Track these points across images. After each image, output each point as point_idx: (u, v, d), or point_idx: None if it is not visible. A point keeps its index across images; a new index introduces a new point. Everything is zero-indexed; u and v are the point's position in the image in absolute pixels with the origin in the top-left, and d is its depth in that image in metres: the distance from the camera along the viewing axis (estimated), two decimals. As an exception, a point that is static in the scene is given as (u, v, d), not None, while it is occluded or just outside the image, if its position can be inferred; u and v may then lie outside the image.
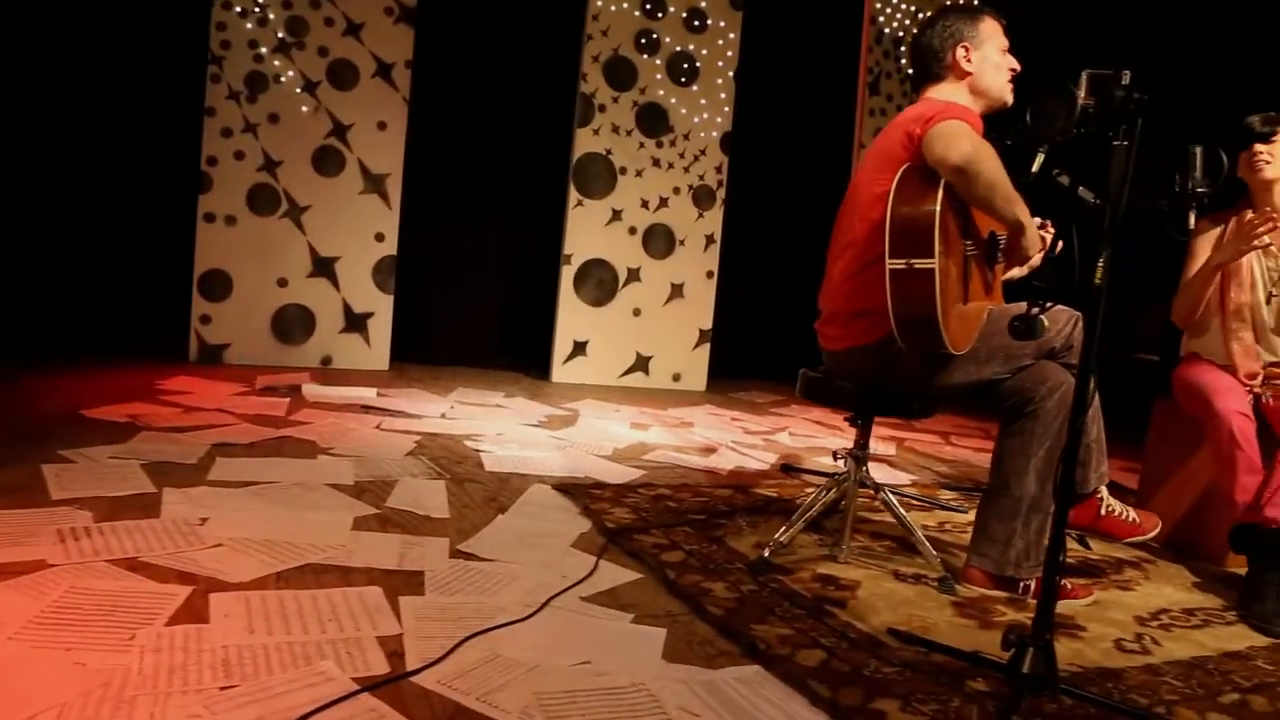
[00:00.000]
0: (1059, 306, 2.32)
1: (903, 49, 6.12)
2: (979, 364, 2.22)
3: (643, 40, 5.36)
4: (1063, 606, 2.27)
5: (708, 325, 5.60)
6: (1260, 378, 2.80)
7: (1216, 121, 2.99)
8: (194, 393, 3.84)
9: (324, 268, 4.86)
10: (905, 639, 1.94)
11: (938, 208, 2.02)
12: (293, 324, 4.83)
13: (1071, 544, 2.90)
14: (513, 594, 2.02)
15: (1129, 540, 2.47)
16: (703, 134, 5.53)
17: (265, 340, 4.78)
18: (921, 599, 2.23)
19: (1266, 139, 2.83)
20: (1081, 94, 1.97)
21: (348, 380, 4.51)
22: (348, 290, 4.93)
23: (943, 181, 2.05)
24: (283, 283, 4.78)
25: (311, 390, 4.13)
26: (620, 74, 5.33)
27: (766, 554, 2.34)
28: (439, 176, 5.25)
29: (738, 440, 4.06)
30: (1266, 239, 2.71)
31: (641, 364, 5.51)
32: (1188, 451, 3.03)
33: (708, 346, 5.62)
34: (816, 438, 4.36)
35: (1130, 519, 2.44)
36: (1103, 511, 2.44)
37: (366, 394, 4.18)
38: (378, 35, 4.83)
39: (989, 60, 2.34)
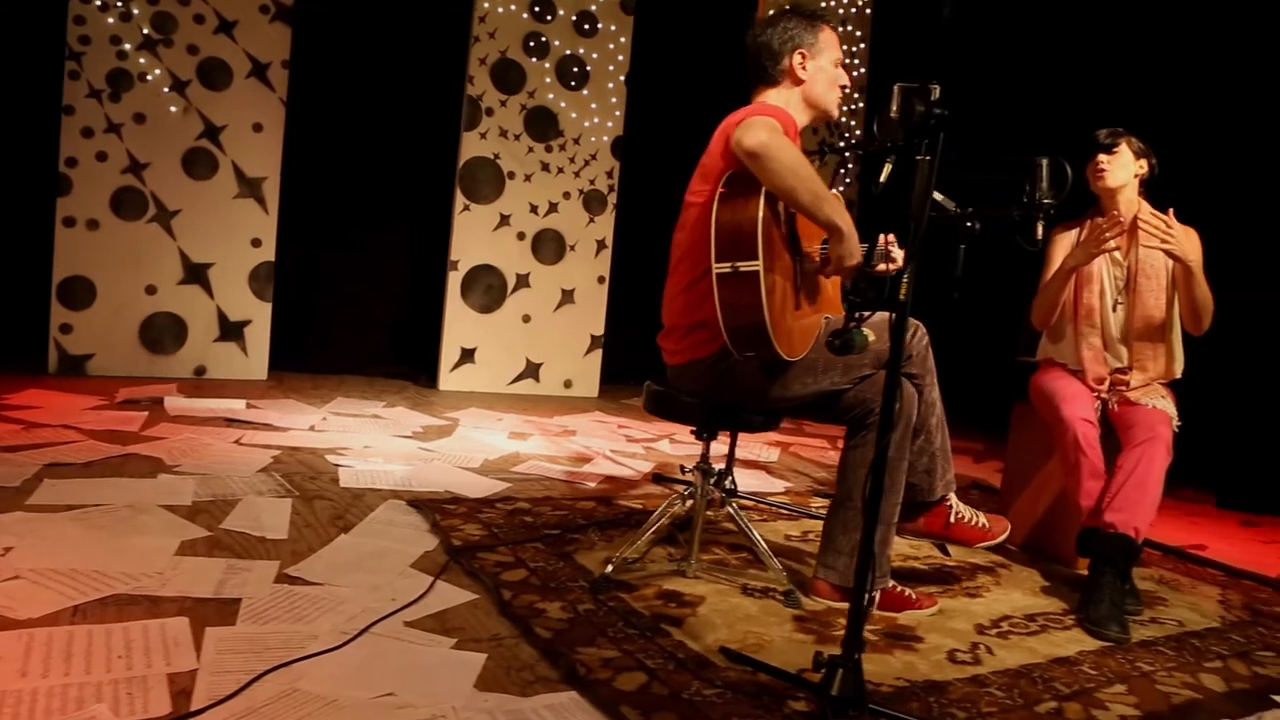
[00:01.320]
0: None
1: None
2: (817, 375, 2.21)
3: (531, 43, 5.28)
4: (905, 618, 2.28)
5: (599, 331, 5.55)
6: (1107, 383, 2.85)
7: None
8: (44, 407, 3.64)
9: (196, 274, 4.67)
10: (734, 658, 1.91)
11: (760, 211, 2.00)
12: (163, 333, 4.63)
13: (931, 551, 2.93)
14: (332, 620, 1.94)
15: (980, 546, 2.49)
16: (594, 138, 5.48)
17: (133, 350, 4.58)
18: (764, 614, 2.21)
19: (1109, 150, 2.89)
20: (893, 108, 1.99)
21: (221, 391, 4.34)
22: (222, 298, 4.74)
23: (764, 187, 2.03)
24: (151, 290, 4.58)
25: (175, 403, 3.96)
26: (508, 77, 5.24)
27: (609, 571, 2.29)
28: (320, 180, 5.09)
29: (617, 449, 4.01)
30: (1114, 243, 2.76)
31: (532, 371, 5.43)
32: (1044, 456, 3.08)
33: (599, 353, 5.57)
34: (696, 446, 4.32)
35: (980, 524, 2.46)
36: (952, 519, 2.45)
37: (235, 406, 4.02)
38: (252, 33, 4.67)
39: (824, 70, 2.33)
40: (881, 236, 2.67)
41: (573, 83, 5.41)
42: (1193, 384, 4.97)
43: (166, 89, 4.51)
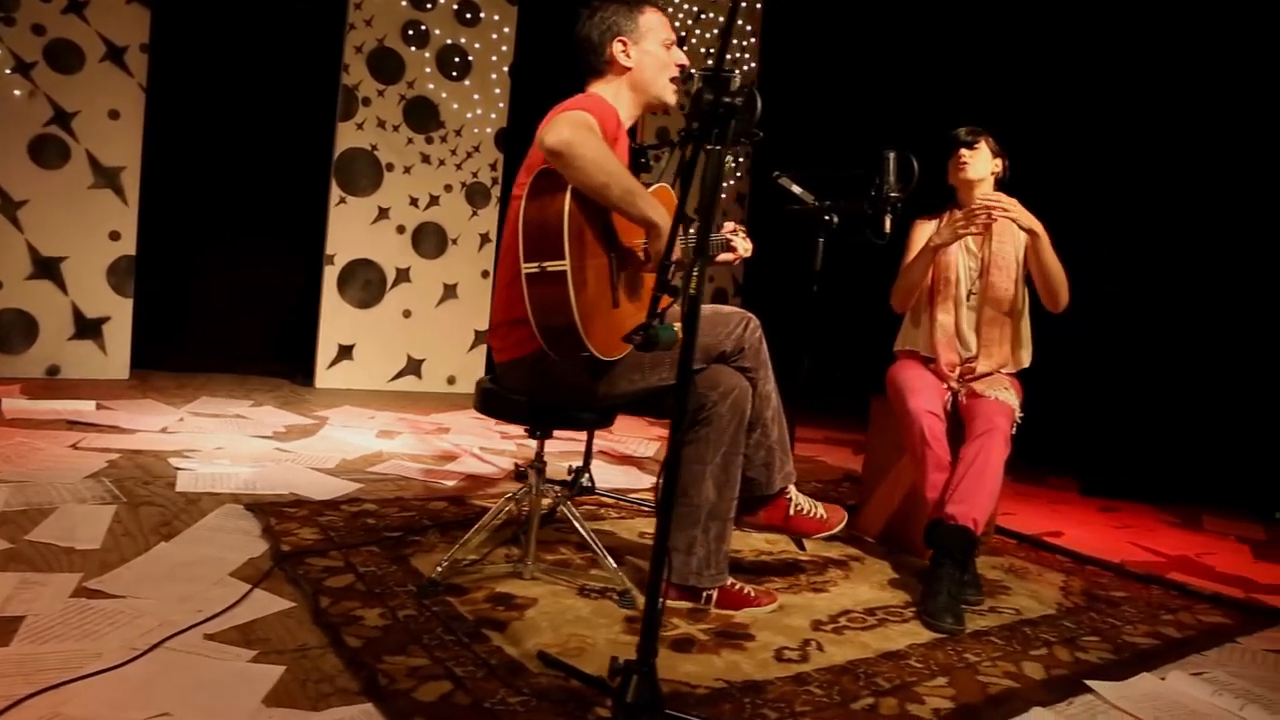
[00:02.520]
0: (729, 308, 2.29)
1: (684, 47, 6.13)
2: (644, 372, 2.16)
3: (410, 31, 5.15)
4: (743, 615, 2.25)
5: (484, 326, 5.45)
6: (958, 370, 2.88)
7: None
8: None
9: (47, 269, 4.44)
10: (549, 663, 1.85)
11: (566, 209, 1.94)
12: (10, 331, 4.38)
13: (786, 545, 2.91)
14: (124, 636, 1.82)
15: (819, 536, 2.48)
16: (476, 130, 5.37)
17: (-23, 349, 4.32)
18: (595, 616, 2.15)
19: (970, 145, 2.92)
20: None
21: (73, 392, 4.12)
22: (77, 293, 4.51)
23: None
24: (-4, 285, 4.33)
25: (14, 405, 3.74)
26: (386, 66, 5.10)
27: (437, 574, 2.21)
28: (186, 171, 4.88)
29: (488, 446, 3.93)
30: (978, 227, 2.78)
31: (413, 367, 5.30)
32: (900, 449, 3.09)
33: (484, 348, 5.47)
34: (576, 441, 4.27)
35: (818, 515, 2.45)
36: (791, 511, 2.43)
37: (83, 407, 3.82)
38: (106, 14, 4.44)
39: (650, 55, 2.28)
40: (728, 225, 2.65)
41: (454, 73, 5.29)
42: (1059, 374, 5.09)
43: (9, 70, 4.26)
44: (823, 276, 3.12)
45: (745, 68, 6.40)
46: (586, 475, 3.11)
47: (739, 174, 2.67)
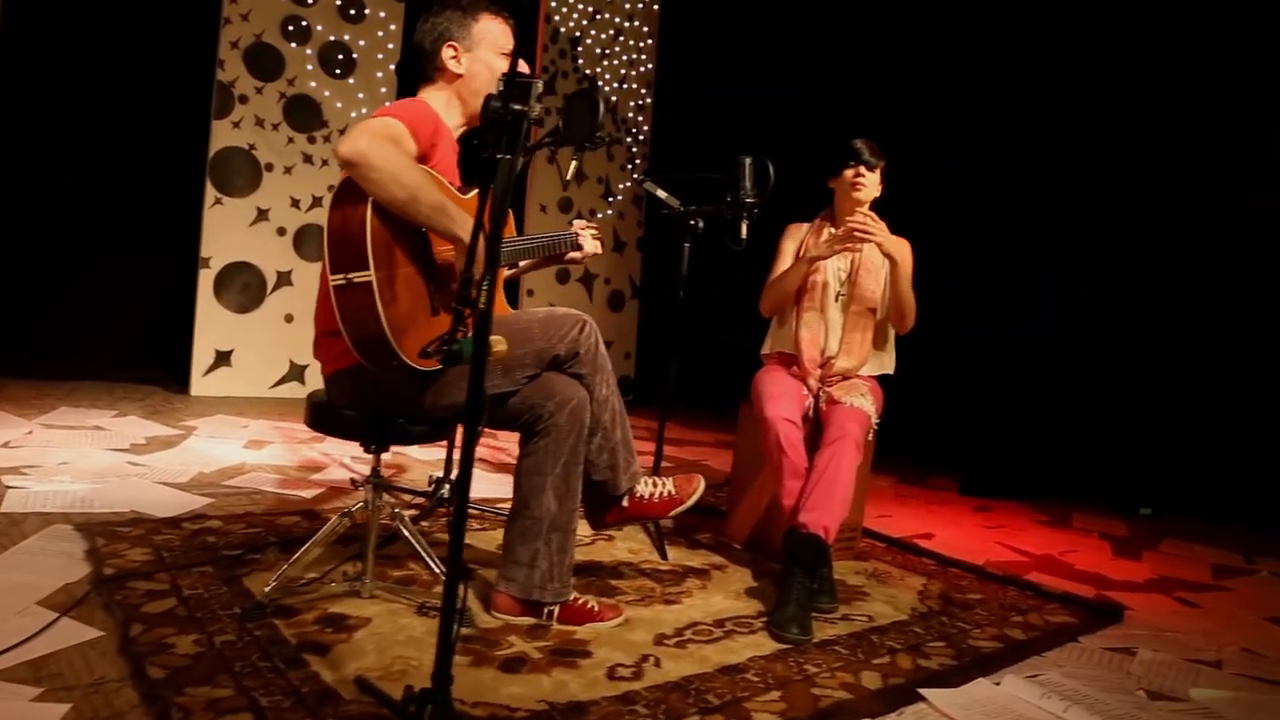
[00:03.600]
0: (564, 311, 2.24)
1: (579, 49, 6.09)
2: (475, 381, 2.10)
3: (291, 27, 5.00)
4: (585, 631, 2.20)
5: (371, 331, 5.32)
6: (819, 371, 2.88)
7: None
8: None
9: (-109, 272, 4.19)
10: (365, 689, 1.78)
11: (368, 218, 1.87)
12: None
13: (650, 555, 2.88)
14: (-102, 675, 1.69)
15: (674, 513, 2.42)
16: (362, 129, 5.23)
17: None
18: (430, 636, 2.08)
19: (872, 167, 2.91)
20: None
21: (-82, 403, 3.89)
22: (-76, 298, 4.27)
23: None
24: None
25: None
26: (265, 62, 4.94)
27: (264, 594, 2.11)
28: (49, 168, 4.66)
29: (359, 455, 3.81)
30: (852, 248, 2.79)
31: (296, 373, 5.14)
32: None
33: (371, 353, 5.33)
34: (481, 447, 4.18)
35: (666, 494, 2.38)
36: (640, 497, 2.39)
37: (-77, 420, 3.60)
38: (-45, 5, 4.21)
39: (483, 64, 2.22)
40: (578, 223, 2.60)
41: (338, 70, 5.15)
42: (940, 377, 5.19)
43: None
44: (690, 281, 3.09)
45: (642, 69, 6.37)
46: (448, 486, 3.03)
47: (567, 179, 2.62)
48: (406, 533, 2.28)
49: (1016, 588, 2.91)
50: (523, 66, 2.25)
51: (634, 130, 6.35)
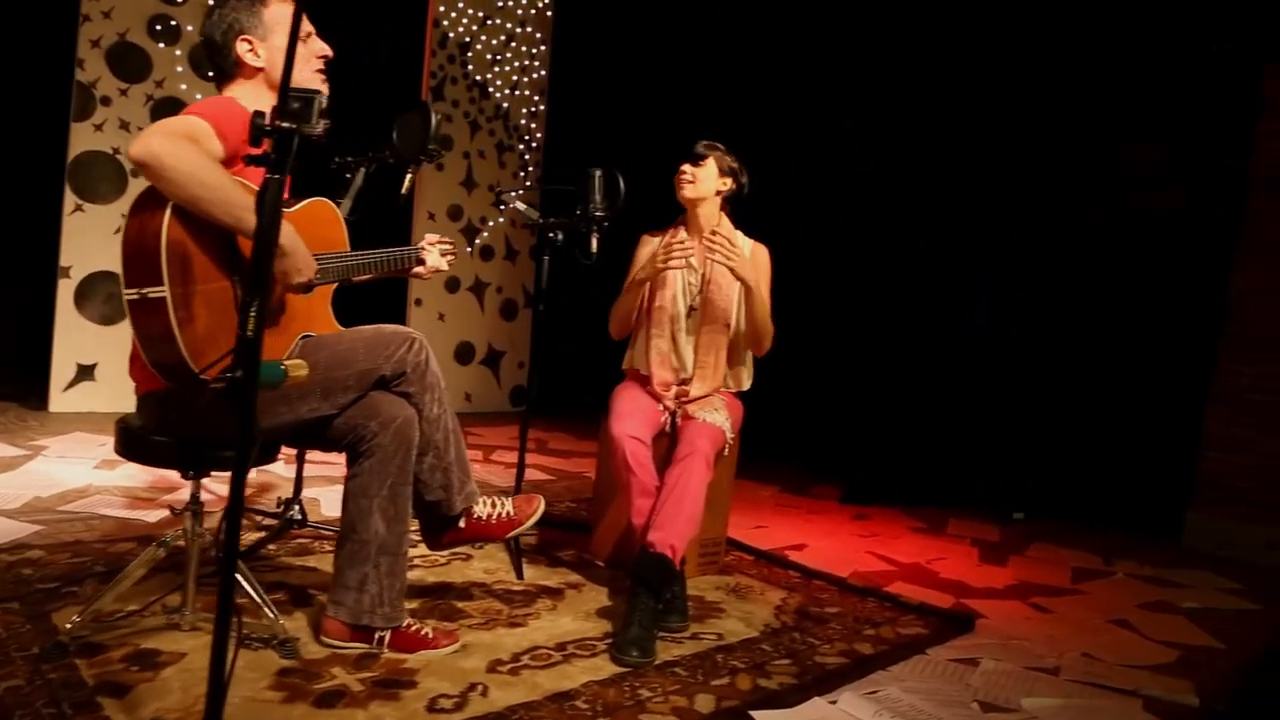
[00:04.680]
0: (392, 328, 2.17)
1: (469, 54, 5.99)
2: (291, 403, 2.01)
3: (158, 26, 4.79)
4: (416, 659, 2.13)
5: (247, 343, 5.13)
6: (673, 390, 2.84)
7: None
8: None
9: None
10: (156, 733, 1.68)
11: (164, 225, 1.77)
12: None
13: (505, 575, 2.81)
14: None
15: (513, 534, 2.38)
16: (236, 134, 5.05)
17: None
18: (247, 670, 1.99)
19: (695, 161, 2.88)
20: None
21: None
22: None
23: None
24: None
25: None
26: (129, 63, 4.73)
27: (66, 631, 1.99)
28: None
29: (220, 474, 3.66)
30: (680, 261, 2.75)
31: (166, 388, 4.93)
32: (631, 469, 3.05)
33: (248, 366, 5.15)
34: (337, 465, 4.05)
35: (504, 514, 2.35)
36: (476, 518, 2.33)
37: None
38: None
39: (282, 51, 2.12)
40: (431, 236, 2.53)
41: (210, 73, 4.94)
42: (822, 385, 5.23)
43: None
44: (550, 294, 3.04)
45: (535, 75, 6.30)
46: (297, 507, 2.92)
47: (403, 192, 2.54)
48: (221, 562, 2.16)
49: (876, 599, 2.92)
50: (323, 48, 2.17)
51: (527, 137, 6.27)
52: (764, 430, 5.16)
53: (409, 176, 2.49)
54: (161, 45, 4.81)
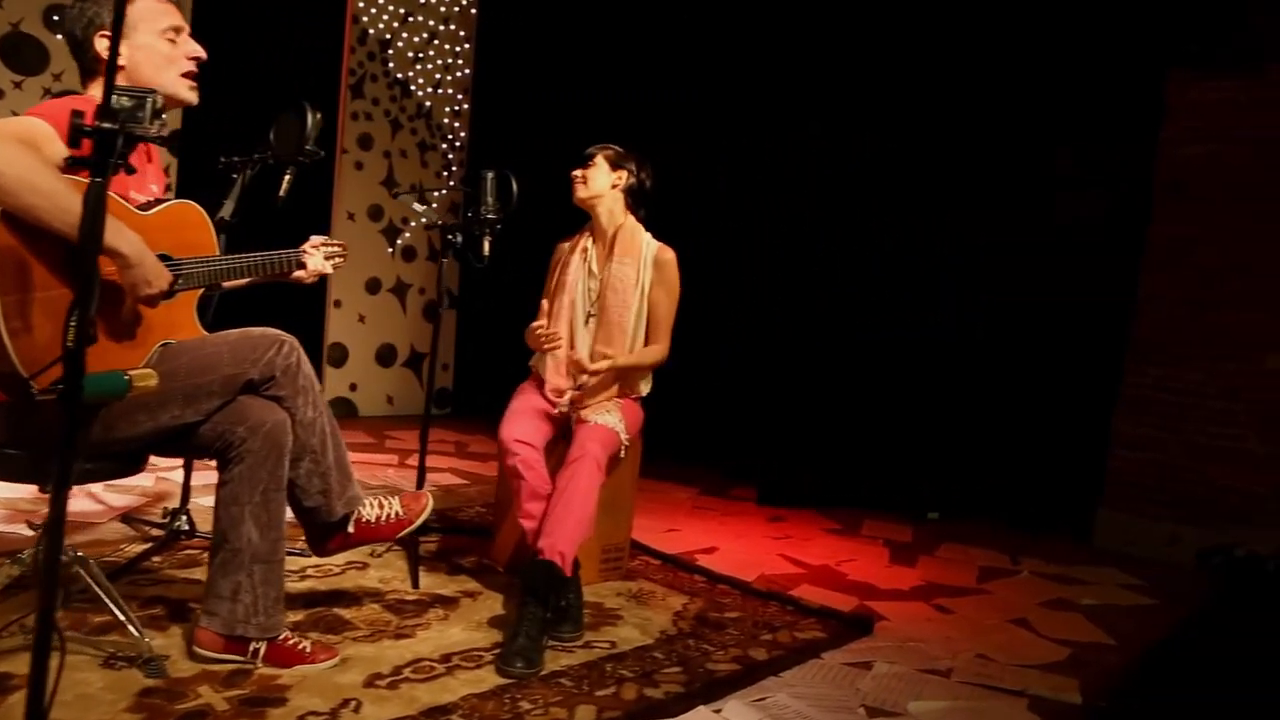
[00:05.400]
0: (261, 331, 2.10)
1: (390, 51, 5.89)
2: (150, 411, 1.93)
3: (55, 17, 4.62)
4: (292, 674, 2.06)
5: (154, 346, 4.98)
6: (566, 396, 2.81)
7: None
8: None
9: None
10: (-10, 763, 1.59)
11: None
12: None
13: (400, 585, 2.75)
14: None
15: (401, 535, 2.33)
16: (142, 130, 4.89)
17: None
18: (108, 691, 1.90)
19: (583, 163, 2.85)
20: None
21: None
22: None
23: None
24: None
25: None
26: (24, 55, 4.56)
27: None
28: None
29: (113, 484, 3.54)
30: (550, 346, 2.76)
31: (67, 393, 4.76)
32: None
33: (155, 369, 5.00)
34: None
35: (392, 515, 2.29)
36: (362, 523, 2.27)
37: None
38: None
39: (145, 49, 2.05)
40: (315, 238, 2.46)
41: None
42: (738, 385, 5.23)
43: None
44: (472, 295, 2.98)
45: (459, 74, 6.21)
46: (184, 517, 2.82)
47: (281, 195, 2.46)
48: (87, 578, 2.08)
49: (778, 603, 2.91)
50: (195, 49, 2.10)
51: (450, 136, 6.18)
52: (692, 432, 5.19)
53: (287, 178, 2.42)
54: (59, 36, 4.64)
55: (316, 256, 2.40)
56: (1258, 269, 4.25)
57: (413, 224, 6.00)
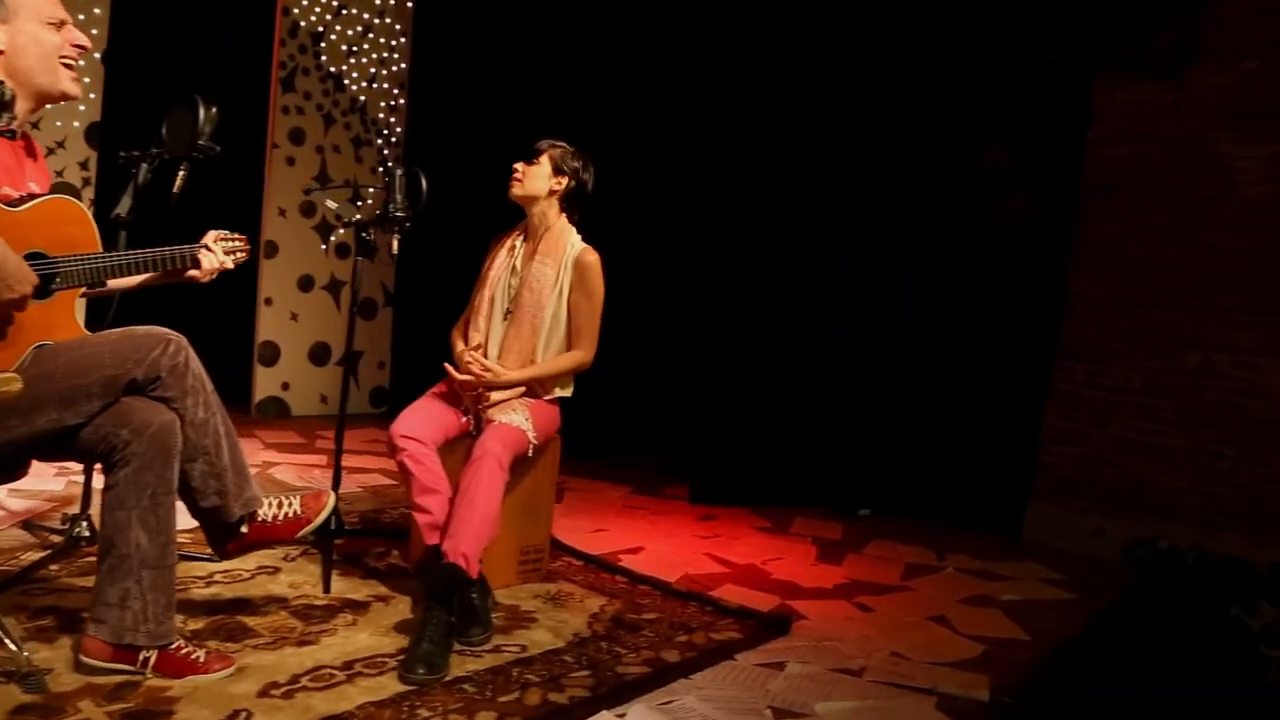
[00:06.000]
0: (146, 329, 2.03)
1: (322, 44, 5.78)
2: (24, 415, 1.86)
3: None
4: (182, 685, 2.00)
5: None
6: (476, 394, 2.76)
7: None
8: None
9: None
10: None
11: None
12: None
13: (310, 590, 2.69)
14: None
15: (301, 534, 2.26)
16: (59, 123, 4.77)
17: None
18: (-20, 706, 1.83)
19: (528, 159, 2.81)
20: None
21: None
22: None
23: None
24: None
25: None
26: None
27: None
28: None
29: (18, 488, 3.42)
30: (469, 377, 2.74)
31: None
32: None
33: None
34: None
35: (291, 514, 2.24)
36: (260, 521, 2.21)
37: None
38: None
39: (26, 36, 1.97)
40: (210, 234, 2.38)
41: None
42: (679, 382, 5.21)
43: None
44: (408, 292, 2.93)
45: (395, 68, 6.12)
46: (85, 523, 2.74)
47: (174, 189, 2.37)
48: (-38, 589, 2.00)
49: (697, 603, 2.90)
50: (79, 38, 2.02)
51: (385, 131, 6.08)
52: (628, 429, 5.16)
53: (181, 174, 2.34)
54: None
55: (214, 252, 2.33)
56: (1179, 269, 4.32)
57: (347, 220, 5.89)
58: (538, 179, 2.82)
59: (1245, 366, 4.23)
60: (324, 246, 5.81)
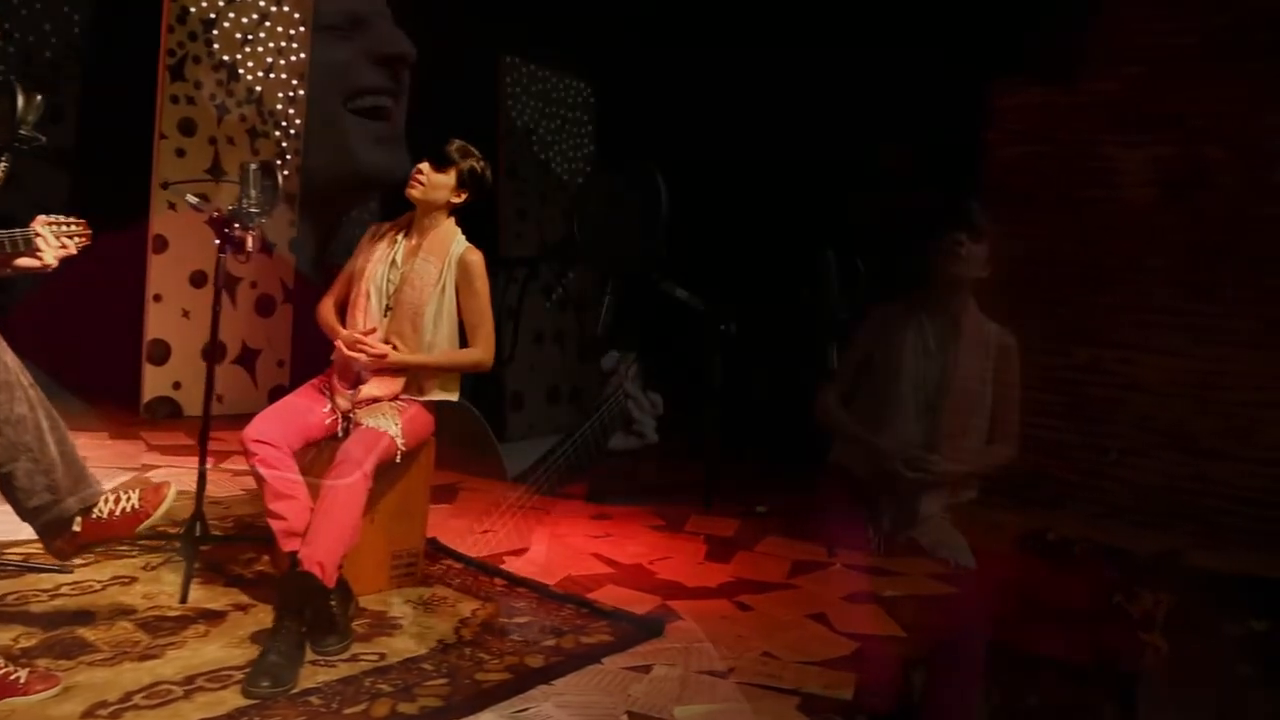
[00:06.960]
0: None
1: (214, 31, 5.59)
2: None
3: None
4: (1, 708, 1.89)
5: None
6: (353, 390, 2.68)
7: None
8: None
9: None
10: None
11: None
12: None
13: (166, 601, 2.58)
14: None
15: (142, 528, 2.17)
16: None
17: None
18: None
19: (437, 165, 2.73)
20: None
21: None
22: None
23: None
24: None
25: None
26: None
27: None
28: None
29: None
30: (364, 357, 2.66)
31: None
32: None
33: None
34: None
35: (130, 508, 2.14)
36: (94, 518, 2.11)
37: None
38: None
39: None
40: (40, 218, 2.25)
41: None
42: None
43: None
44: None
45: (293, 58, 5.95)
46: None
47: None
48: None
49: (573, 606, 2.85)
50: None
51: (284, 123, 5.91)
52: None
53: (2, 165, 2.21)
54: None
55: (45, 237, 2.17)
56: (1068, 266, 4.42)
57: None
58: (441, 189, 2.75)
59: (1128, 362, 4.34)
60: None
